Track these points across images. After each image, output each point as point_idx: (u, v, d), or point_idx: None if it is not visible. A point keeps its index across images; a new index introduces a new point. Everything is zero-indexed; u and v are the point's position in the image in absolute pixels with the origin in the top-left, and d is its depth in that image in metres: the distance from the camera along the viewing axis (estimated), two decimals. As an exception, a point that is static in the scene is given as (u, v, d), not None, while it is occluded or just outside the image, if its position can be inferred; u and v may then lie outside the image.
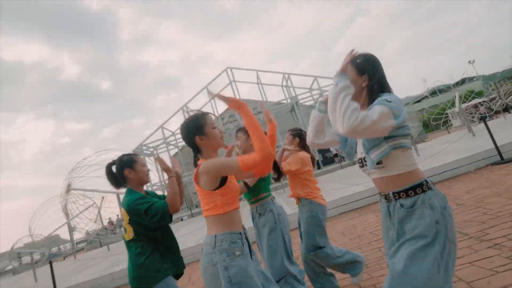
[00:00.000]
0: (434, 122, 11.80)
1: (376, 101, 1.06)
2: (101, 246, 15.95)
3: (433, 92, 12.83)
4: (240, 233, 1.31)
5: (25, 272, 15.82)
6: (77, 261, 9.39)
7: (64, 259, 16.00)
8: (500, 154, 5.21)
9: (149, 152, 24.25)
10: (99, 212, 11.18)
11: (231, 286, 1.17)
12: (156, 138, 23.95)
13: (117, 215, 19.99)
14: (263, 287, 1.31)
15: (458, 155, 5.88)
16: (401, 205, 1.09)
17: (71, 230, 13.40)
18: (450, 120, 10.88)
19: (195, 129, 1.37)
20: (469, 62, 30.99)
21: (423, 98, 18.47)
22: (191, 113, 1.89)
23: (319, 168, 18.45)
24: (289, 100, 25.26)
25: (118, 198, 8.24)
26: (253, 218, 2.16)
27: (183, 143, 23.59)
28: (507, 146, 5.42)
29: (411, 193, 1.08)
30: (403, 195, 1.09)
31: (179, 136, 19.83)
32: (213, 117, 1.44)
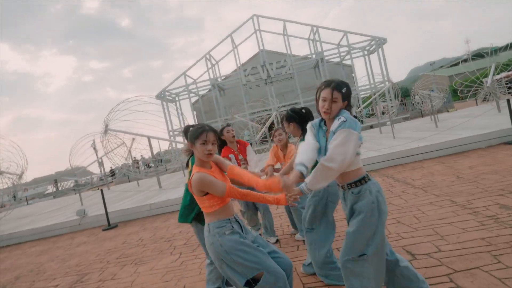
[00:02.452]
0: (464, 90, 11.34)
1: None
2: (129, 181, 17.79)
3: (477, 55, 11.99)
4: (229, 219, 1.66)
5: (63, 197, 18.12)
6: (111, 191, 10.79)
7: (98, 189, 18.07)
8: (515, 134, 5.40)
9: (171, 98, 24.93)
10: (129, 151, 12.39)
11: (228, 255, 1.56)
12: (178, 85, 24.35)
13: (141, 155, 21.90)
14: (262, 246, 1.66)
15: (473, 132, 6.08)
16: (351, 192, 1.58)
17: (101, 164, 15.02)
18: (479, 93, 10.55)
19: (190, 138, 1.67)
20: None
21: (462, 61, 17.18)
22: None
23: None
24: (314, 56, 24.36)
25: (149, 140, 9.15)
26: None
27: (204, 91, 23.83)
28: (525, 127, 5.55)
29: (358, 183, 1.57)
30: (353, 185, 1.57)
31: (200, 84, 20.20)
32: (210, 136, 1.62)
